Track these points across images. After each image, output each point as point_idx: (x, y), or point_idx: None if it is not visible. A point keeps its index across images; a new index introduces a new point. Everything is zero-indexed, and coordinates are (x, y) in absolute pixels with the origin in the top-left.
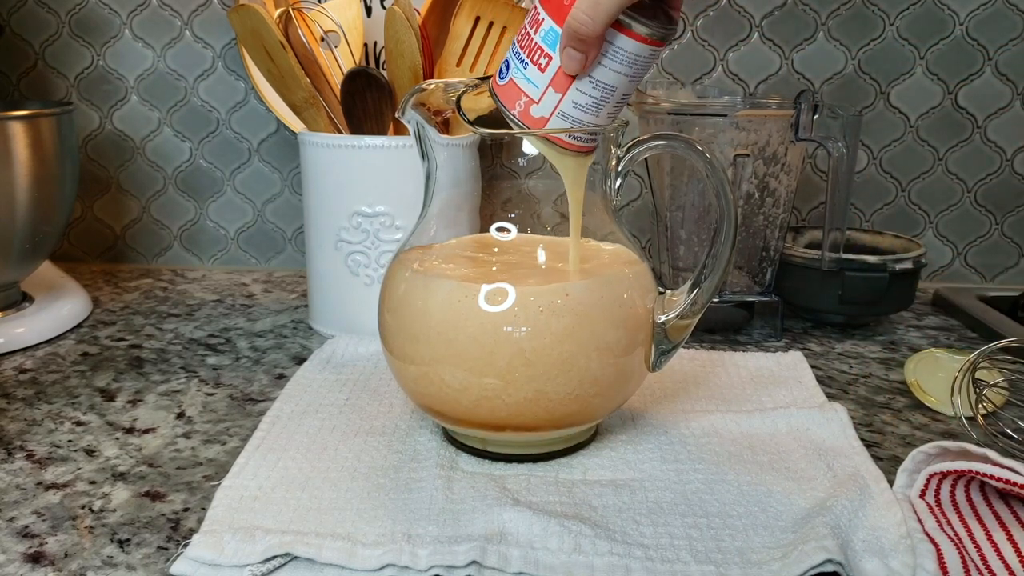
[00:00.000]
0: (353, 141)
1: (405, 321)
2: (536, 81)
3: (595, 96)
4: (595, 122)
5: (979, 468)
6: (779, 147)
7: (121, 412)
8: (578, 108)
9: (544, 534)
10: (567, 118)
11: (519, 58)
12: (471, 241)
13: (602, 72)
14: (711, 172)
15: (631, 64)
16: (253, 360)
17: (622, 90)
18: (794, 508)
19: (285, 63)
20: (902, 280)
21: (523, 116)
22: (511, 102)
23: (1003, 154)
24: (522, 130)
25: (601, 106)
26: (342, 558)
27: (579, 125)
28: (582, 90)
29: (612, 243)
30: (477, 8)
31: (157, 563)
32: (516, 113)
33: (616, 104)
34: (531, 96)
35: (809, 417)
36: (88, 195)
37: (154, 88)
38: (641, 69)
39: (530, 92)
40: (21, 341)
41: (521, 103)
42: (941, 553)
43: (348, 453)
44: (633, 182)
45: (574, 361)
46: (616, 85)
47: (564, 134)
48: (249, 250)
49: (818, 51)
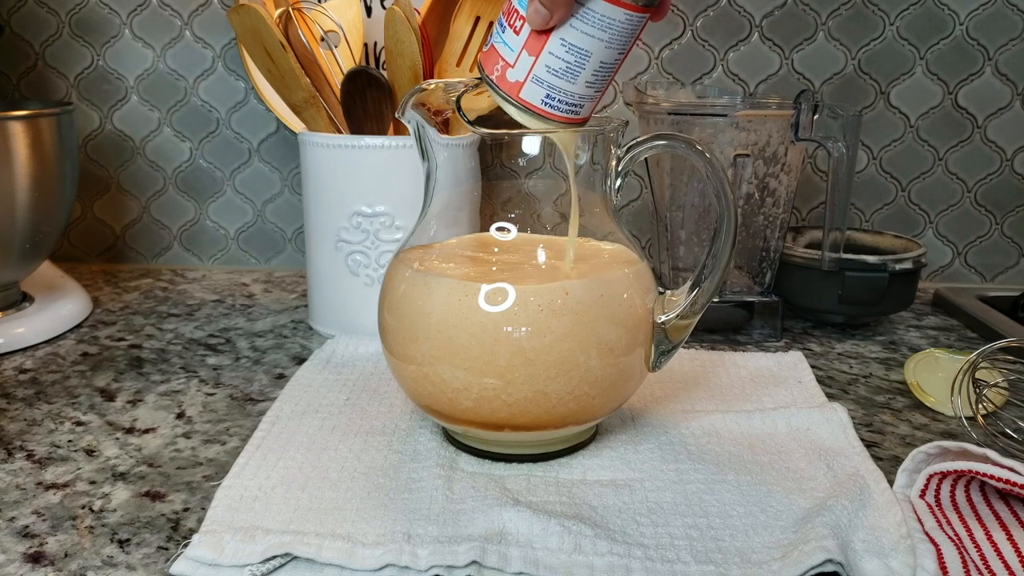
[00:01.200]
0: (353, 141)
1: (405, 320)
2: (511, 44)
3: (568, 60)
4: (572, 90)
5: (979, 468)
6: (779, 147)
7: (121, 412)
8: (552, 72)
9: (544, 534)
10: (541, 83)
11: (500, 24)
12: (471, 241)
13: (575, 35)
14: (711, 172)
15: (606, 29)
16: (253, 360)
17: (599, 57)
18: (794, 508)
19: (285, 63)
20: (902, 280)
21: (500, 80)
22: (490, 67)
23: (1003, 154)
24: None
25: (576, 72)
26: (342, 558)
27: (555, 91)
28: (555, 53)
29: (612, 243)
30: (477, 8)
31: (157, 563)
32: (494, 77)
33: (595, 72)
34: (507, 60)
35: (809, 417)
36: (88, 195)
37: (154, 88)
38: (619, 36)
39: (506, 56)
40: (21, 341)
41: (499, 67)
42: (941, 553)
43: (348, 453)
44: (633, 182)
45: (574, 360)
46: (591, 50)
47: (540, 100)
48: (249, 250)
49: (818, 51)
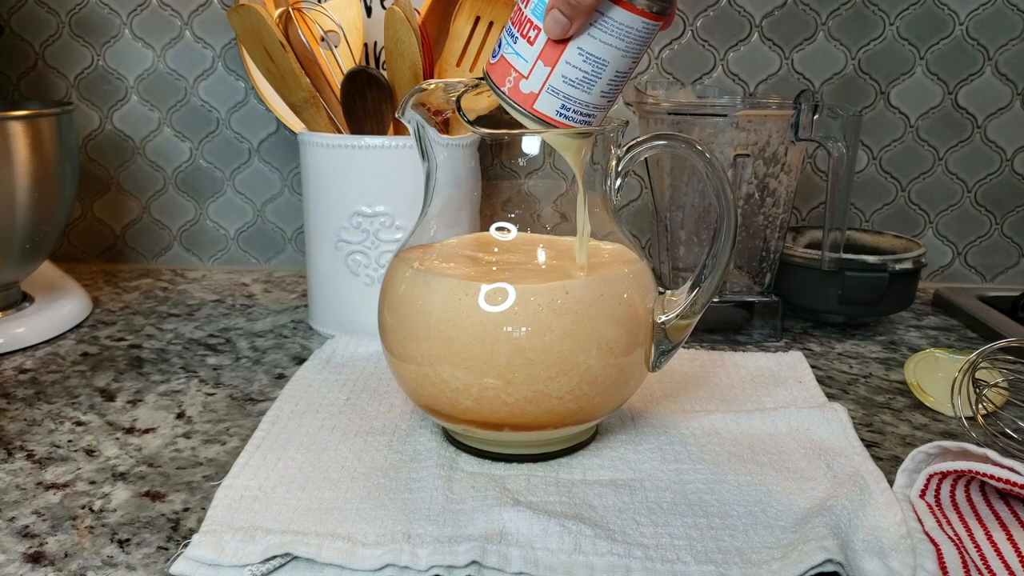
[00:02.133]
0: (353, 141)
1: (405, 320)
2: (525, 55)
3: (586, 70)
4: (587, 100)
5: (979, 468)
6: (779, 147)
7: (121, 412)
8: (568, 83)
9: (544, 534)
10: (557, 93)
11: (510, 34)
12: (471, 240)
13: (593, 44)
14: (711, 172)
15: (624, 37)
16: (253, 360)
17: (615, 66)
18: (794, 508)
19: (285, 63)
20: (902, 280)
21: (513, 93)
22: (502, 79)
23: (1003, 154)
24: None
25: (593, 82)
26: (342, 558)
27: (570, 102)
28: (572, 63)
29: (612, 243)
30: (477, 8)
31: (157, 563)
32: (506, 90)
33: (610, 82)
34: (520, 71)
35: (809, 417)
36: (88, 195)
37: (154, 88)
38: (635, 45)
39: (520, 67)
40: (21, 341)
41: (511, 79)
42: (941, 553)
43: (348, 453)
44: (633, 182)
45: (574, 360)
46: (608, 59)
47: (555, 111)
48: (249, 250)
49: (818, 51)
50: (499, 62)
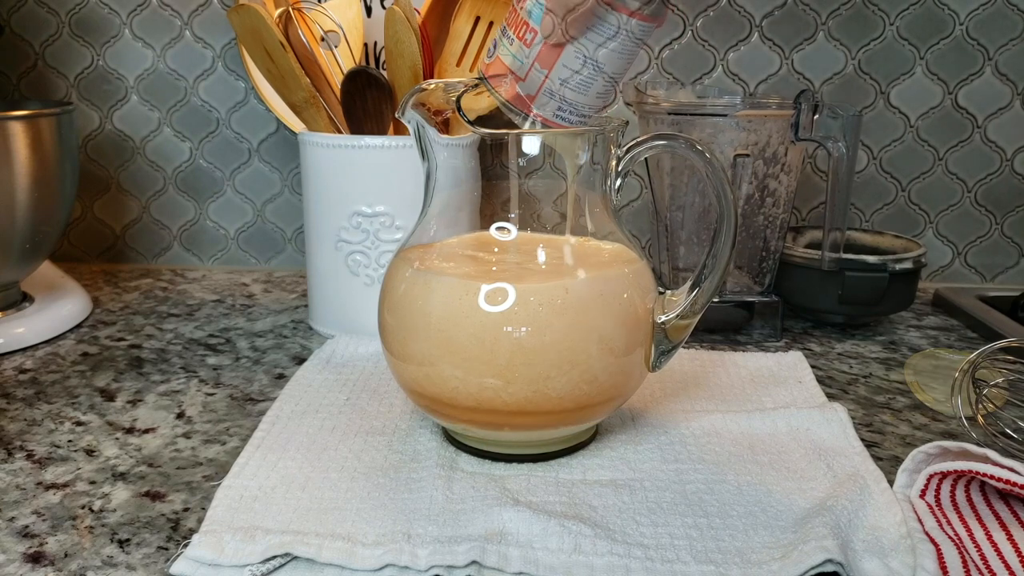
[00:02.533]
0: (353, 141)
1: (405, 320)
2: (521, 57)
3: (582, 73)
4: (584, 102)
5: (979, 468)
6: (779, 147)
7: (121, 412)
8: (565, 85)
9: (544, 534)
10: (554, 96)
11: (506, 35)
12: (471, 240)
13: (590, 47)
14: (711, 172)
15: (619, 40)
16: (253, 360)
17: (611, 68)
18: (794, 508)
19: (285, 63)
20: (902, 280)
21: (509, 94)
22: (498, 81)
23: (1003, 154)
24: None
25: (589, 84)
26: (342, 558)
27: (567, 104)
28: (569, 66)
29: (612, 243)
30: (477, 8)
31: (157, 563)
32: (502, 92)
33: (606, 83)
34: (517, 73)
35: (809, 417)
36: (88, 195)
37: (154, 88)
38: (630, 46)
39: (516, 69)
40: (21, 341)
41: (507, 81)
42: (941, 553)
43: (348, 453)
44: (633, 182)
45: (574, 359)
46: (604, 62)
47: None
48: (249, 250)
49: (818, 51)
50: (495, 62)
